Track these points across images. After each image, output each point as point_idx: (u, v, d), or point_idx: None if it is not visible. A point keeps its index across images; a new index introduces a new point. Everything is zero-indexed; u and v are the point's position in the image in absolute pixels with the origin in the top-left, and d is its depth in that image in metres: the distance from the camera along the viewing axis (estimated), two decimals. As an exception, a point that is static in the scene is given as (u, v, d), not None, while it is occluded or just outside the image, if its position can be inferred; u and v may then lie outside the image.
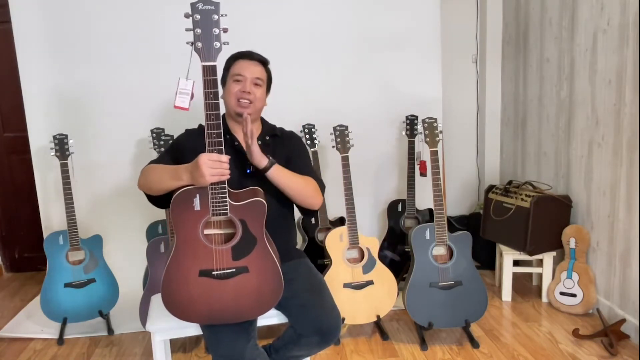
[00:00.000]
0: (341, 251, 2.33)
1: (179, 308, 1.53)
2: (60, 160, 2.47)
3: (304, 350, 1.71)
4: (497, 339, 2.38)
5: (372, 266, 2.36)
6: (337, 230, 2.36)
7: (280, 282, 1.58)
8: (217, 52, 1.38)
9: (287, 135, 1.89)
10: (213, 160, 1.42)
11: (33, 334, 2.57)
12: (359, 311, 2.35)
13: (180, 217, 1.48)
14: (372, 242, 2.39)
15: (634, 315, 2.31)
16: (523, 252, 2.74)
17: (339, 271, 2.33)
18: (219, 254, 1.51)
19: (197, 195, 1.47)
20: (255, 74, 1.75)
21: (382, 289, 2.36)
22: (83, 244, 2.53)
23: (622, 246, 2.38)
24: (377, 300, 2.36)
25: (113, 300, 2.57)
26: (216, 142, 1.44)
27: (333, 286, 2.23)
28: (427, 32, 3.07)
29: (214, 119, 1.42)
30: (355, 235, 2.35)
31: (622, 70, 2.32)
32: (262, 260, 1.55)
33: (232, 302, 1.54)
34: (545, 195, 2.69)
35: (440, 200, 2.31)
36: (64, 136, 2.50)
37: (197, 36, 1.36)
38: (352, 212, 2.35)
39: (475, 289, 2.30)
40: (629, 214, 2.33)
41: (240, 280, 1.54)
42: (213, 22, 1.36)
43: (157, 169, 1.60)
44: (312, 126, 2.84)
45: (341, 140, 2.43)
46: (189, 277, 1.51)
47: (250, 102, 1.74)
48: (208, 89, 1.40)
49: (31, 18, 2.78)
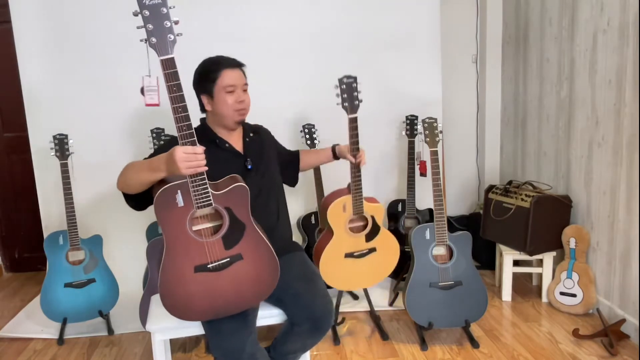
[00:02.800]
0: (344, 222, 2.19)
1: (181, 309, 1.53)
2: (60, 160, 2.47)
3: (298, 341, 1.73)
4: (497, 339, 2.38)
5: (375, 233, 2.25)
6: (340, 200, 2.17)
7: (276, 263, 1.59)
8: (172, 45, 1.38)
9: (259, 128, 2.00)
10: (188, 153, 1.41)
11: (33, 334, 2.57)
12: (359, 278, 2.29)
13: (166, 216, 1.47)
14: (377, 209, 2.23)
15: (634, 315, 2.31)
16: (523, 252, 2.74)
17: (341, 242, 2.22)
18: (211, 246, 1.51)
19: (179, 191, 1.46)
20: (242, 80, 1.79)
21: (386, 255, 2.29)
22: (83, 244, 2.53)
23: (622, 246, 2.38)
24: (379, 266, 2.30)
25: (113, 300, 2.57)
26: (188, 134, 1.43)
27: (334, 257, 2.19)
28: (427, 32, 3.07)
29: (182, 111, 1.41)
30: (360, 204, 2.17)
31: (622, 70, 2.32)
32: (254, 245, 1.56)
33: (233, 292, 1.55)
34: (545, 195, 2.69)
35: (440, 200, 2.31)
36: (64, 136, 2.50)
37: (149, 32, 1.36)
38: (358, 180, 2.13)
39: (475, 289, 2.30)
40: (629, 214, 2.33)
41: (237, 268, 1.54)
42: (163, 16, 1.36)
43: (134, 165, 1.59)
44: (312, 126, 2.85)
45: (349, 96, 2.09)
46: (185, 275, 1.51)
47: (245, 109, 1.80)
48: (170, 82, 1.39)
49: (31, 18, 2.78)
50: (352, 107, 2.04)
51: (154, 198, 1.46)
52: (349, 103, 2.03)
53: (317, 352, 2.31)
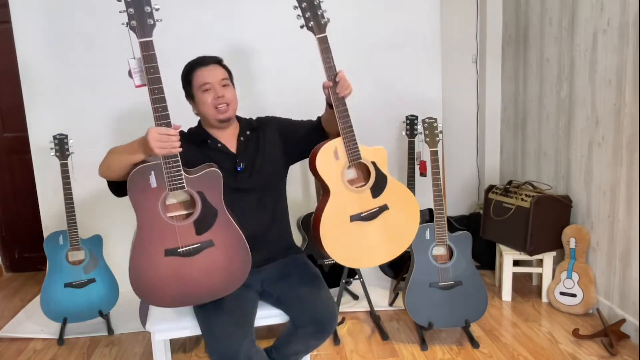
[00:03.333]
0: (339, 173, 1.69)
1: (150, 292, 1.53)
2: (60, 160, 2.47)
3: (302, 342, 1.73)
4: (497, 339, 2.38)
5: (383, 185, 1.74)
6: (330, 144, 1.67)
7: (247, 252, 1.58)
8: (151, 28, 1.44)
9: (265, 121, 1.91)
10: (162, 134, 1.42)
11: (33, 334, 2.57)
12: (374, 249, 1.74)
13: (138, 196, 1.47)
14: (378, 153, 1.76)
15: (634, 315, 2.31)
16: (523, 252, 2.74)
17: (342, 200, 1.69)
18: (182, 230, 1.51)
19: (152, 172, 1.46)
20: (218, 76, 1.75)
21: (402, 213, 1.77)
22: (83, 244, 2.53)
23: (622, 246, 2.38)
24: (397, 230, 1.76)
25: (113, 300, 2.57)
26: (163, 116, 1.45)
27: (337, 222, 1.67)
28: (427, 32, 3.07)
29: (158, 93, 1.44)
30: (355, 146, 1.70)
31: (622, 70, 2.32)
32: (226, 232, 1.55)
33: (204, 280, 1.54)
34: (545, 195, 2.69)
35: (440, 200, 2.31)
36: (64, 136, 2.50)
37: (130, 15, 1.42)
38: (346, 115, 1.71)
39: (475, 289, 2.30)
40: (629, 214, 2.33)
41: (208, 255, 1.53)
42: (144, 1, 1.43)
43: (116, 149, 1.60)
44: (312, 126, 2.84)
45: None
46: (156, 258, 1.50)
47: (227, 105, 1.75)
48: (147, 64, 1.43)
49: (31, 18, 2.78)
50: (318, 25, 1.75)
51: (128, 177, 1.47)
52: (314, 21, 1.76)
53: (317, 352, 2.31)
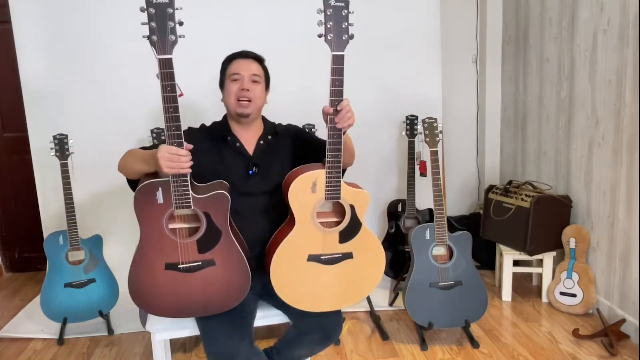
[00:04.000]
0: (311, 207, 1.54)
1: (146, 300, 1.54)
2: (60, 160, 2.47)
3: (307, 348, 1.72)
4: (497, 339, 2.38)
5: (354, 232, 1.58)
6: (310, 174, 1.53)
7: (247, 275, 1.58)
8: (172, 45, 1.39)
9: (285, 129, 1.88)
10: (172, 153, 1.41)
11: (33, 334, 2.57)
12: (323, 295, 1.61)
13: (144, 210, 1.48)
14: (359, 196, 1.58)
15: (634, 315, 2.31)
16: (523, 252, 2.74)
17: (305, 237, 1.55)
18: (184, 247, 1.52)
19: (160, 188, 1.47)
20: (252, 70, 1.74)
21: (365, 266, 1.62)
22: (83, 244, 2.53)
23: (622, 246, 2.38)
24: (353, 281, 1.62)
25: (113, 300, 2.57)
26: (175, 135, 1.43)
27: (292, 258, 1.55)
28: (427, 32, 3.07)
29: (173, 112, 1.42)
30: (337, 184, 1.52)
31: (622, 70, 2.32)
32: (228, 253, 1.55)
33: (201, 295, 1.55)
34: (545, 195, 2.69)
35: (440, 200, 2.31)
36: (64, 136, 2.49)
37: (152, 29, 1.37)
38: (337, 149, 1.53)
39: (475, 289, 2.30)
40: (629, 214, 2.33)
41: (207, 273, 1.54)
42: (168, 16, 1.37)
43: (133, 153, 1.60)
44: (312, 126, 2.84)
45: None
46: (155, 270, 1.52)
47: (249, 100, 1.71)
48: (165, 81, 1.40)
49: (31, 18, 2.78)
50: (338, 41, 1.55)
51: (135, 190, 1.48)
52: (335, 35, 1.54)
53: (317, 352, 2.31)
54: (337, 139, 1.52)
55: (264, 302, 1.77)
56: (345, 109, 1.53)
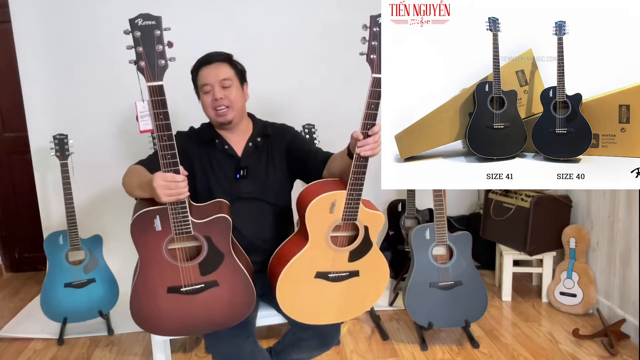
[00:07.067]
0: (327, 227, 1.54)
1: (150, 323, 1.51)
2: (60, 160, 2.47)
3: (305, 353, 1.72)
4: (497, 339, 2.38)
5: (364, 252, 1.60)
6: (330, 195, 1.51)
7: (252, 294, 1.54)
8: (162, 71, 1.28)
9: (278, 129, 1.81)
10: (168, 181, 1.34)
11: (33, 334, 2.57)
12: (327, 309, 1.63)
13: (141, 239, 1.43)
14: (375, 219, 1.59)
15: (634, 315, 2.31)
16: (523, 252, 2.74)
17: (316, 255, 1.56)
18: (186, 270, 1.47)
19: (157, 216, 1.40)
20: (220, 76, 1.65)
21: (370, 283, 1.66)
22: (83, 244, 2.53)
23: (622, 246, 2.38)
24: (356, 297, 1.65)
25: (113, 300, 2.57)
26: (171, 163, 1.36)
27: (301, 274, 1.56)
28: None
29: (167, 140, 1.33)
30: (356, 207, 1.52)
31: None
32: (232, 274, 1.51)
33: (205, 314, 1.52)
34: (545, 195, 2.69)
35: (440, 200, 2.30)
36: (64, 136, 2.49)
37: (139, 54, 1.25)
38: (362, 172, 1.49)
39: (475, 289, 2.30)
40: (629, 214, 2.33)
41: (211, 294, 1.50)
42: (155, 39, 1.24)
43: (133, 173, 1.56)
44: (312, 126, 2.84)
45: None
46: (157, 294, 1.47)
47: (226, 107, 1.65)
48: (157, 109, 1.30)
49: (31, 18, 2.78)
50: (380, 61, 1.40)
51: (132, 219, 1.41)
52: (378, 54, 1.39)
53: (317, 352, 2.31)
54: (363, 163, 1.48)
55: (264, 303, 1.77)
56: (375, 137, 1.45)
